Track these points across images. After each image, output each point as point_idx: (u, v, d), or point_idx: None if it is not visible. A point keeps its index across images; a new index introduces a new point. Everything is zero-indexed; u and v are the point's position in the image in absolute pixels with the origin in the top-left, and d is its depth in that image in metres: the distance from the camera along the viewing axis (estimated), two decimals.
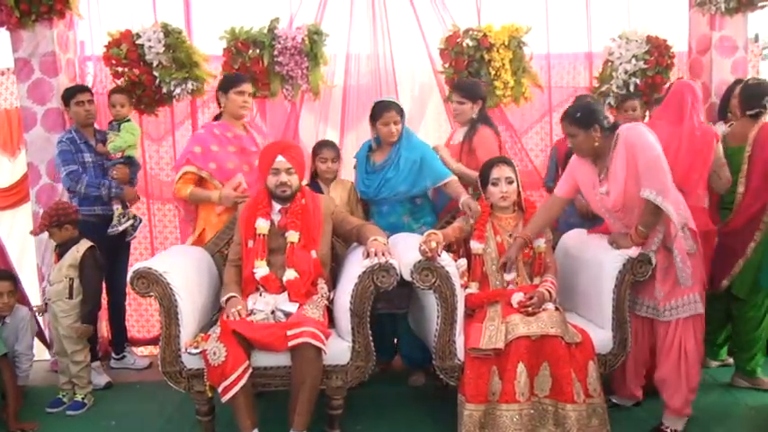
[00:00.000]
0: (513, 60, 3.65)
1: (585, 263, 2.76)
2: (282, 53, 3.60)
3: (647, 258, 2.54)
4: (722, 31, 3.71)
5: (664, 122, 2.80)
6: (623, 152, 2.49)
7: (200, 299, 2.66)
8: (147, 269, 2.45)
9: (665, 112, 2.85)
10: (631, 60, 3.67)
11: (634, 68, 3.68)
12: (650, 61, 3.68)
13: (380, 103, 3.13)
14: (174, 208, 3.77)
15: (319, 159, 3.23)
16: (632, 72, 3.68)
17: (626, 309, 2.57)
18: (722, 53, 3.72)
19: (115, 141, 3.38)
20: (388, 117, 3.06)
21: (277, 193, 2.72)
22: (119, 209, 3.38)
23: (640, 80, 3.69)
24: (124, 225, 3.39)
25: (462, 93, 3.25)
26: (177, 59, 3.59)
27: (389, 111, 3.06)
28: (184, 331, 2.47)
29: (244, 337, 2.35)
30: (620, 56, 3.70)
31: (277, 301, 2.54)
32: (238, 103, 3.14)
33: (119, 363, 3.67)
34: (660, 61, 3.70)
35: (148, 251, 3.97)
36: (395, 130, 3.07)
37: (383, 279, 2.43)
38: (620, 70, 3.69)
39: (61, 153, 3.32)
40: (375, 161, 3.18)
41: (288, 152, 2.75)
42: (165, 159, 3.95)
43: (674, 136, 2.73)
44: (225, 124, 3.19)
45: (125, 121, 3.45)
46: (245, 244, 2.72)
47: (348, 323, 2.47)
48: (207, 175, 3.08)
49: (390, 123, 3.06)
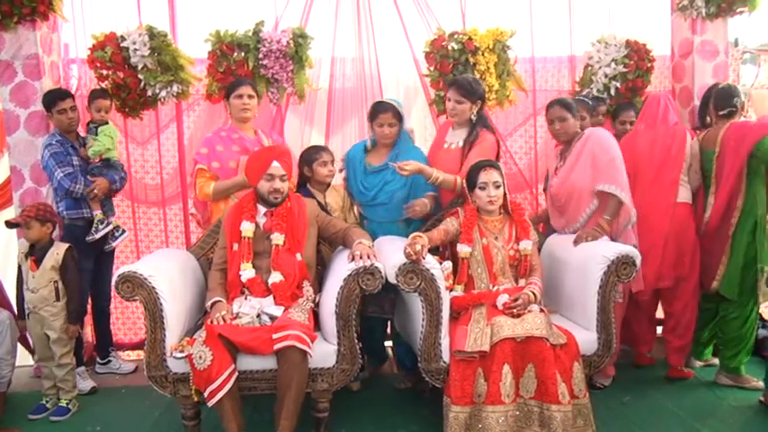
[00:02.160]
0: (497, 64, 3.66)
1: (571, 265, 2.78)
2: (267, 56, 3.59)
3: (631, 260, 2.57)
4: (703, 35, 3.76)
5: (644, 128, 3.22)
6: (585, 147, 2.93)
7: (186, 303, 2.64)
8: (133, 273, 2.44)
9: (643, 119, 3.27)
10: (611, 64, 3.71)
11: (614, 72, 3.71)
12: (630, 65, 3.72)
13: (378, 104, 3.13)
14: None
15: (319, 164, 3.14)
16: (612, 76, 3.72)
17: (611, 310, 2.59)
18: (704, 57, 3.76)
19: (94, 146, 3.34)
20: (382, 118, 3.06)
21: (269, 198, 2.72)
22: (98, 214, 3.34)
23: (621, 83, 3.73)
24: (102, 232, 3.33)
25: (462, 91, 3.01)
26: (162, 62, 3.57)
27: (385, 112, 3.06)
28: (170, 335, 2.46)
29: (229, 340, 2.33)
30: (600, 60, 3.74)
31: (262, 304, 2.53)
32: (238, 106, 3.18)
33: (104, 367, 3.64)
34: (640, 65, 3.73)
35: (134, 255, 3.94)
36: (388, 132, 3.07)
37: (368, 282, 2.44)
38: (599, 74, 3.73)
39: (54, 155, 3.26)
40: (371, 163, 3.17)
41: (283, 158, 2.76)
42: (149, 163, 3.92)
43: (650, 138, 3.17)
44: (233, 127, 3.26)
45: (103, 124, 3.42)
46: (230, 247, 2.71)
47: (334, 326, 2.47)
48: (213, 174, 3.14)
49: (384, 125, 3.06)
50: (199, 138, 3.74)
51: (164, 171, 3.89)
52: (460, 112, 3.04)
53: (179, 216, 3.96)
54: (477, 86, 3.06)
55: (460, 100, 3.02)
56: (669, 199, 3.10)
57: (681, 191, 3.11)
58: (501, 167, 2.81)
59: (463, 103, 3.02)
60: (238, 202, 2.83)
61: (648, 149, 3.15)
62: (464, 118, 3.06)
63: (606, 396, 3.00)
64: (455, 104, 3.03)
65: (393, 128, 3.08)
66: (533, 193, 4.04)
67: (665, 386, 3.15)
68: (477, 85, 3.08)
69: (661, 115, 3.18)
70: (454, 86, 3.05)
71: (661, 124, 3.17)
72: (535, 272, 2.75)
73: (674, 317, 3.21)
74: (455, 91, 3.03)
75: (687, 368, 3.27)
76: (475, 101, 3.03)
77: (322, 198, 3.16)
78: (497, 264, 2.73)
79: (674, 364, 3.23)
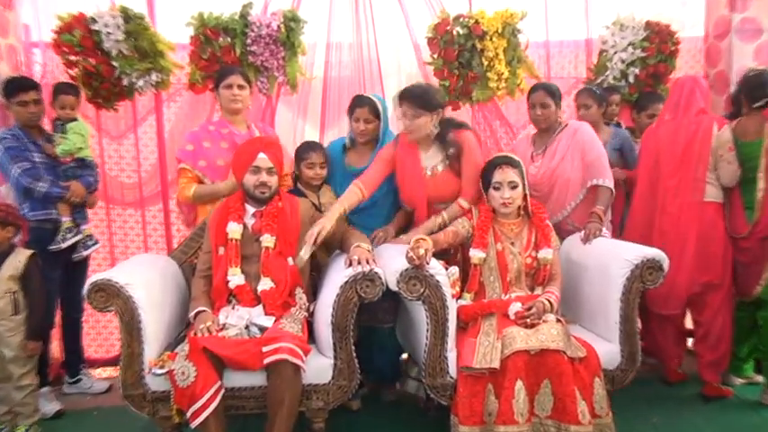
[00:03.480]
0: (507, 49, 3.68)
1: (590, 270, 2.78)
2: (256, 42, 3.60)
3: (657, 264, 2.56)
4: (745, 12, 3.66)
5: (668, 118, 3.21)
6: (571, 140, 3.09)
7: (167, 313, 2.64)
8: (107, 281, 2.43)
9: (667, 109, 3.27)
10: (627, 48, 3.69)
11: (631, 57, 3.69)
12: (650, 49, 3.69)
13: (356, 98, 3.15)
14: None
15: (306, 164, 3.14)
16: (630, 61, 3.70)
17: (635, 320, 2.59)
18: (744, 37, 3.66)
19: (63, 144, 3.29)
20: (358, 113, 3.07)
21: (255, 194, 2.72)
22: (66, 222, 3.30)
23: (640, 70, 3.70)
24: (69, 242, 3.29)
25: (416, 103, 2.82)
26: (139, 48, 3.56)
27: (362, 107, 3.07)
28: (148, 349, 2.45)
29: (215, 354, 2.33)
30: (615, 44, 3.72)
31: (251, 314, 2.53)
32: (227, 97, 3.18)
33: (73, 387, 3.59)
34: (662, 48, 3.70)
35: (108, 261, 3.94)
36: (363, 129, 3.08)
37: (367, 289, 2.43)
38: (615, 59, 3.72)
39: (8, 150, 3.18)
40: (351, 164, 3.19)
41: (270, 150, 2.75)
42: (126, 159, 3.92)
43: (671, 129, 3.17)
44: (222, 121, 3.26)
45: (71, 120, 3.37)
46: (216, 251, 2.71)
47: (329, 338, 2.46)
48: (199, 174, 3.13)
49: (360, 120, 3.07)
50: (180, 131, 3.75)
51: (141, 168, 3.89)
52: (418, 128, 2.86)
53: (158, 218, 3.96)
54: (431, 94, 2.90)
55: (417, 113, 2.84)
56: (695, 198, 3.10)
57: (708, 189, 3.10)
58: (520, 164, 2.79)
59: (419, 117, 2.84)
60: (225, 201, 2.84)
61: (669, 143, 3.15)
62: (424, 133, 2.89)
63: (632, 415, 2.95)
64: (410, 121, 2.85)
65: (369, 125, 3.08)
66: None
67: (699, 406, 3.10)
68: (430, 92, 2.91)
69: (684, 102, 3.16)
70: (405, 101, 2.85)
71: (683, 113, 3.16)
72: (554, 281, 2.75)
73: (704, 326, 3.19)
74: (408, 105, 2.84)
75: (725, 386, 3.21)
76: (432, 111, 2.87)
77: (315, 198, 3.16)
78: (512, 272, 2.73)
79: (708, 381, 3.17)
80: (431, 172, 2.97)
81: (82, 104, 3.51)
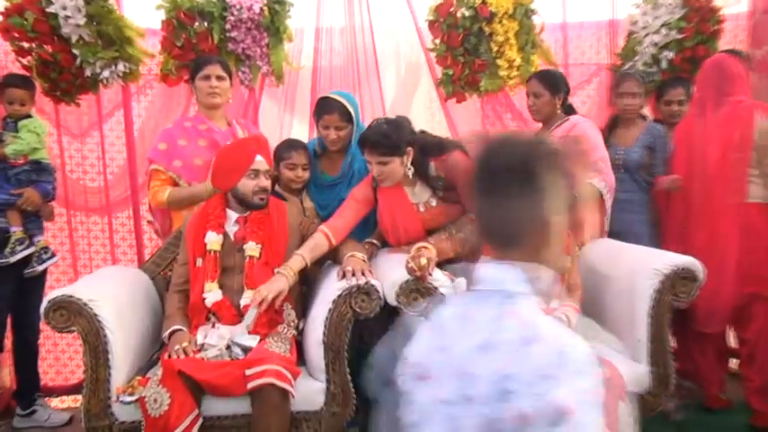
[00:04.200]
0: (519, 33, 3.70)
1: (614, 280, 2.80)
2: (237, 27, 3.62)
3: (691, 274, 2.57)
4: None
5: (698, 109, 3.21)
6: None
7: (137, 333, 2.66)
8: (68, 297, 2.44)
9: (693, 102, 3.31)
10: (660, 30, 3.66)
11: (665, 40, 3.67)
12: (688, 29, 3.65)
13: (322, 101, 3.16)
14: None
15: (286, 165, 3.18)
16: (664, 44, 3.67)
17: (666, 337, 2.60)
18: None
19: (14, 144, 3.29)
20: (327, 120, 3.10)
21: (254, 201, 2.75)
22: (17, 232, 3.30)
23: (675, 53, 3.67)
24: (19, 255, 3.28)
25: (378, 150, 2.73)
26: (103, 34, 3.54)
27: (330, 113, 3.08)
28: (116, 374, 2.46)
29: (192, 379, 2.34)
30: (647, 25, 3.71)
31: (233, 333, 2.55)
32: (204, 90, 3.20)
33: (26, 420, 3.54)
34: (702, 28, 3.65)
35: (69, 276, 3.95)
36: (335, 138, 3.11)
37: (363, 304, 2.46)
38: (646, 43, 3.71)
39: None
40: (324, 171, 3.23)
41: (265, 150, 2.81)
42: (89, 160, 3.94)
43: (705, 121, 3.14)
44: (199, 116, 3.29)
45: (24, 117, 3.38)
46: (193, 263, 2.74)
47: (321, 359, 2.49)
48: (174, 175, 3.14)
49: (330, 128, 3.11)
50: (152, 129, 3.77)
51: (108, 170, 3.90)
52: (389, 175, 2.80)
53: (127, 226, 3.98)
54: (394, 134, 2.75)
55: (383, 160, 2.76)
56: (736, 199, 3.09)
57: (752, 189, 3.11)
58: None
59: (389, 163, 2.77)
60: (203, 206, 2.86)
61: (703, 137, 3.13)
62: (397, 179, 2.84)
63: None
64: (380, 168, 2.78)
65: (341, 131, 3.11)
66: None
67: None
68: (394, 131, 2.76)
69: (712, 91, 3.13)
70: (366, 149, 2.78)
71: (713, 103, 3.11)
72: (573, 293, 2.76)
73: (749, 344, 3.18)
74: (370, 153, 2.77)
75: None
76: (402, 152, 2.78)
77: (296, 201, 3.20)
78: None
79: (758, 409, 3.12)
80: (424, 208, 2.92)
81: (37, 98, 3.50)
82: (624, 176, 3.42)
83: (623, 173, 3.42)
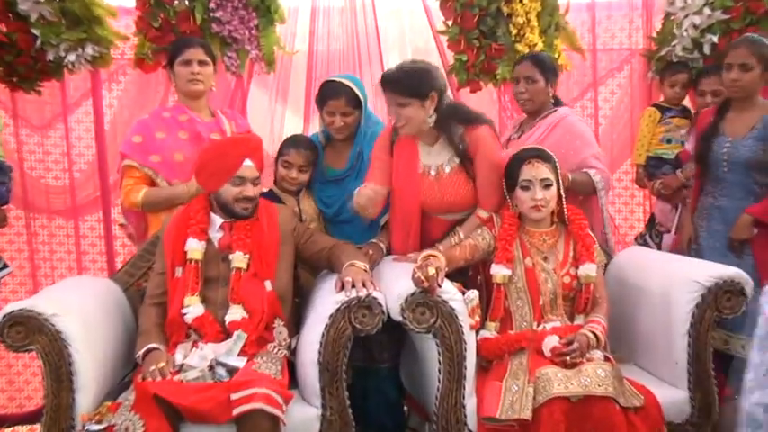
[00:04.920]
0: (541, 14, 3.73)
1: (647, 294, 2.81)
2: (222, 6, 3.63)
3: (737, 287, 2.58)
4: None
5: None
6: (552, 132, 3.19)
7: (107, 352, 2.66)
8: (26, 312, 2.43)
9: None
10: (703, 10, 3.65)
11: (708, 21, 3.65)
12: (735, 9, 3.63)
13: (327, 85, 3.20)
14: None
15: (283, 163, 3.21)
16: (706, 26, 3.67)
17: (709, 359, 2.61)
18: None
19: None
20: (332, 105, 3.13)
21: (235, 209, 2.76)
22: None
23: (720, 36, 3.65)
24: None
25: (400, 89, 2.82)
26: (68, 12, 3.54)
27: (336, 98, 3.12)
28: (82, 399, 2.46)
29: (169, 404, 2.33)
30: (686, 4, 3.70)
31: (217, 352, 2.55)
32: (185, 76, 3.22)
33: None
34: (752, 7, 3.63)
35: (27, 287, 3.96)
36: (341, 125, 3.15)
37: (364, 319, 2.46)
38: (685, 25, 3.70)
39: None
40: (329, 164, 3.26)
41: (256, 155, 2.80)
42: (52, 156, 3.96)
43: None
44: (180, 106, 3.31)
45: None
46: (172, 273, 2.74)
47: (316, 381, 2.49)
48: (151, 172, 3.15)
49: (336, 114, 3.14)
50: (125, 120, 3.77)
51: (74, 167, 3.92)
52: (406, 120, 2.87)
53: (97, 230, 3.99)
54: (422, 76, 2.87)
55: (402, 102, 2.84)
56: None
57: None
58: (553, 158, 2.82)
59: (408, 106, 2.84)
60: (184, 209, 2.87)
61: None
62: (416, 127, 2.91)
63: None
64: (398, 109, 2.86)
65: (348, 118, 3.15)
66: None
67: None
68: (422, 74, 2.88)
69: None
70: (387, 87, 2.88)
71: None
72: (599, 307, 2.78)
73: None
74: (392, 93, 2.86)
75: None
76: (425, 96, 2.85)
77: (294, 204, 3.22)
78: (545, 295, 2.76)
79: None
80: (435, 172, 2.99)
81: None
82: (728, 176, 3.20)
83: (726, 171, 3.20)
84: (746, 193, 3.18)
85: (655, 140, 3.74)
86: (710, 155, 3.21)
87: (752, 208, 3.11)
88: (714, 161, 3.21)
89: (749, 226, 3.11)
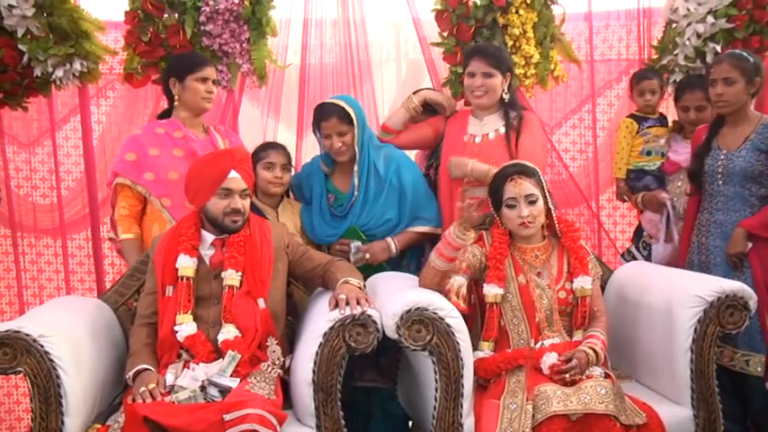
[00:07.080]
0: (537, 25, 3.73)
1: (649, 309, 2.82)
2: (212, 19, 3.63)
3: (741, 301, 2.60)
4: None
5: None
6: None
7: (96, 374, 2.66)
8: (14, 333, 2.42)
9: None
10: (706, 18, 3.64)
11: (711, 30, 3.63)
12: (739, 18, 3.62)
13: (318, 108, 3.27)
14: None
15: (263, 165, 3.24)
16: (709, 35, 3.65)
17: (712, 375, 2.62)
18: None
19: None
20: (326, 127, 3.19)
21: (225, 223, 2.77)
22: None
23: (723, 46, 3.64)
24: None
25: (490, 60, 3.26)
26: (56, 27, 3.54)
27: (327, 119, 3.18)
28: (71, 422, 2.46)
29: (160, 426, 2.33)
30: (689, 12, 3.68)
31: (209, 373, 2.55)
32: (200, 93, 3.25)
33: None
34: (756, 15, 3.63)
35: (15, 308, 3.97)
36: (339, 146, 3.19)
37: (358, 337, 2.47)
38: (687, 34, 3.68)
39: None
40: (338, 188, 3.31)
41: (243, 166, 2.82)
42: (40, 173, 3.98)
43: None
44: (174, 122, 3.30)
45: None
46: (162, 292, 2.75)
47: (310, 401, 2.49)
48: (143, 191, 3.17)
49: (332, 136, 3.18)
50: (114, 136, 3.79)
51: (62, 185, 3.93)
52: (491, 88, 3.26)
53: (85, 249, 4.00)
54: (504, 54, 3.37)
55: (490, 72, 3.25)
56: None
57: None
58: (537, 172, 2.84)
59: (493, 77, 3.25)
60: (174, 227, 2.88)
61: None
62: (494, 98, 3.30)
63: None
64: (483, 79, 3.25)
65: (345, 137, 3.19)
66: (592, 208, 4.10)
67: None
68: (504, 52, 3.39)
69: None
70: (478, 55, 3.28)
71: None
72: (597, 321, 2.78)
73: None
74: (481, 61, 3.25)
75: None
76: (505, 72, 3.29)
77: (274, 215, 3.24)
78: (541, 311, 2.76)
79: None
80: (480, 139, 3.33)
81: None
82: (723, 189, 3.23)
83: (722, 184, 3.23)
84: (743, 205, 3.19)
85: (634, 153, 3.70)
86: (705, 170, 3.25)
87: (746, 221, 3.15)
88: (709, 175, 3.24)
89: (744, 239, 3.14)
